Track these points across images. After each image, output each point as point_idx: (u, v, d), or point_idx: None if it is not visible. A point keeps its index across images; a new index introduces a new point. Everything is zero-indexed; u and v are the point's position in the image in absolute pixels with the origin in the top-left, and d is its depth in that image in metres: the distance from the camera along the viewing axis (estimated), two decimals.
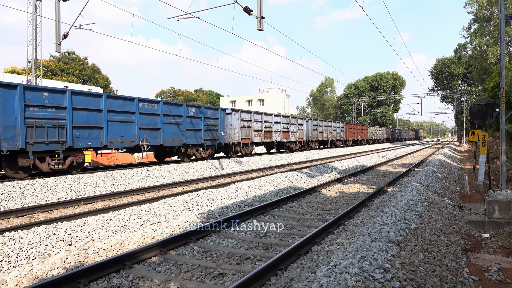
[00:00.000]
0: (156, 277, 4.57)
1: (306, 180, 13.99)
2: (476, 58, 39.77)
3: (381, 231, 5.61)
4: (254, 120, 24.76)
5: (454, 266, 5.03)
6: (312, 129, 34.29)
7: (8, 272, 4.85)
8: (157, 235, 6.41)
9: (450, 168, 18.45)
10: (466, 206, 8.94)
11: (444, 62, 66.43)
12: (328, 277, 3.84)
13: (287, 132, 29.41)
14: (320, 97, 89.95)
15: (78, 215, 7.97)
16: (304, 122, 33.00)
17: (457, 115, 67.65)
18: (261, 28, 12.30)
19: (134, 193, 11.19)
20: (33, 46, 20.19)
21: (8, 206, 9.32)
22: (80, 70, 58.39)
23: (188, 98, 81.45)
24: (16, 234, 5.79)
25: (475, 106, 10.98)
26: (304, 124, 32.96)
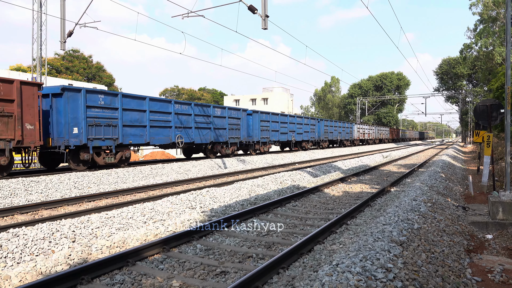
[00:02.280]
0: (159, 274, 4.59)
1: (309, 179, 13.99)
2: (482, 58, 39.57)
3: (383, 231, 5.60)
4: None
5: (457, 266, 5.01)
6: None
7: (12, 268, 4.89)
8: (160, 232, 6.43)
9: (454, 169, 18.38)
10: (469, 207, 8.91)
11: (450, 62, 66.10)
12: (330, 276, 3.84)
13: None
14: (324, 97, 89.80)
15: (81, 212, 8.01)
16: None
17: (461, 116, 67.33)
18: (265, 27, 12.29)
19: (138, 191, 11.23)
20: (38, 44, 20.30)
21: (12, 203, 9.38)
22: (84, 68, 58.61)
23: (192, 96, 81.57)
24: (20, 231, 5.83)
25: (480, 107, 10.93)
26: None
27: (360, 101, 70.59)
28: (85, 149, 14.25)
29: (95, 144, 14.44)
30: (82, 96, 13.89)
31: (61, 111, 13.49)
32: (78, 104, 13.86)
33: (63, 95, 13.51)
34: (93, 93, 14.52)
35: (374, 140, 56.25)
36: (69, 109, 13.60)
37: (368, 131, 52.68)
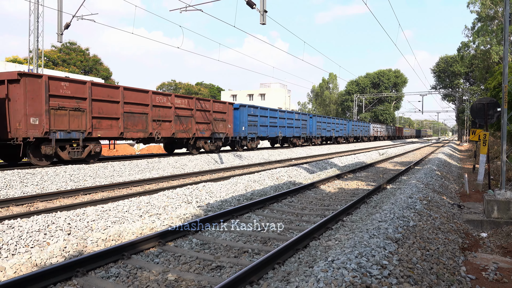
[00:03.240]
0: (154, 268, 4.59)
1: (306, 175, 14.01)
2: (479, 57, 39.65)
3: (379, 228, 5.62)
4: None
5: (452, 264, 5.04)
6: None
7: (7, 260, 4.87)
8: (156, 226, 6.42)
9: (450, 167, 18.46)
10: (465, 205, 8.96)
11: (447, 60, 66.23)
12: (325, 272, 3.85)
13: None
14: (321, 93, 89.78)
15: (77, 205, 7.98)
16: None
17: (458, 114, 67.58)
18: (263, 22, 12.25)
19: (134, 184, 11.21)
20: (35, 36, 20.13)
21: (8, 195, 9.34)
22: (81, 61, 58.27)
23: (189, 91, 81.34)
24: (16, 222, 5.80)
25: (477, 105, 10.96)
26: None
27: (357, 98, 70.66)
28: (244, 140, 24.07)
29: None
30: (246, 109, 23.73)
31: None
32: (244, 114, 24.40)
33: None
34: (253, 108, 24.94)
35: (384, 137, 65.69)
36: (238, 117, 23.80)
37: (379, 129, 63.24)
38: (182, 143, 20.00)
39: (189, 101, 19.22)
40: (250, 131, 24.28)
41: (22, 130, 12.14)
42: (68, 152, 13.65)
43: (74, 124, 13.60)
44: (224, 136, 21.96)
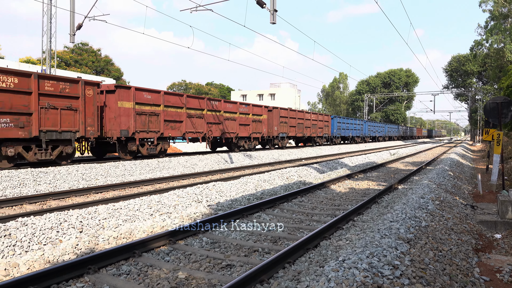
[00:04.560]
0: (165, 266, 4.61)
1: (316, 175, 13.95)
2: (492, 56, 39.08)
3: (391, 228, 5.57)
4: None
5: (465, 265, 4.97)
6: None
7: (20, 256, 4.94)
8: (166, 225, 6.45)
9: (462, 167, 18.21)
10: (478, 206, 8.82)
11: (459, 59, 65.39)
12: (336, 272, 3.82)
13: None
14: (332, 93, 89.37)
15: (89, 203, 8.06)
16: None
17: (471, 114, 66.68)
18: (273, 22, 12.22)
19: (144, 183, 11.29)
20: (48, 37, 20.40)
21: (21, 193, 9.48)
22: (93, 61, 58.89)
23: (200, 91, 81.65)
24: (29, 220, 5.88)
25: (490, 104, 10.79)
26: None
27: (367, 97, 70.19)
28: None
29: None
30: (337, 118, 24.03)
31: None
32: (336, 122, 28.14)
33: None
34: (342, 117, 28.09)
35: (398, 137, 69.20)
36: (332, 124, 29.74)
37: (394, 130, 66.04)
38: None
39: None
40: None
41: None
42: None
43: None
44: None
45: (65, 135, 13.20)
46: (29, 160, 12.34)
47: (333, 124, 36.79)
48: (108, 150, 17.03)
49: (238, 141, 22.43)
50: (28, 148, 12.37)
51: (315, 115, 32.80)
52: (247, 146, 23.24)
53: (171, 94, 17.57)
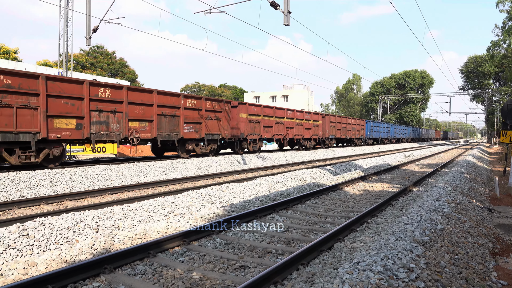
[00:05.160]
0: (179, 266, 4.65)
1: (329, 177, 13.88)
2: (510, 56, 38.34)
3: (405, 231, 5.51)
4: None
5: (482, 269, 4.88)
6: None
7: (38, 256, 5.04)
8: (181, 226, 6.51)
9: (479, 170, 17.90)
10: (495, 209, 8.66)
11: (476, 60, 64.35)
12: (350, 274, 3.80)
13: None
14: (346, 95, 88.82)
15: (104, 204, 8.18)
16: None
17: (487, 115, 65.48)
18: (287, 23, 12.23)
19: (159, 184, 11.39)
20: (65, 40, 20.79)
21: (38, 193, 9.67)
22: (108, 64, 59.75)
23: (213, 93, 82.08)
24: (46, 220, 5.99)
25: (508, 106, 10.61)
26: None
27: (382, 99, 69.54)
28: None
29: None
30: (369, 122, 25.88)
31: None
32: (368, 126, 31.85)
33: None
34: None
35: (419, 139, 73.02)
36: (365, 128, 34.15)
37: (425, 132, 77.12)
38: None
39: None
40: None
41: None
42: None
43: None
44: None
45: (215, 136, 19.40)
46: (197, 152, 18.69)
47: (367, 128, 41.89)
48: (224, 147, 22.32)
49: (303, 141, 28.34)
50: (197, 145, 18.67)
51: (354, 120, 38.75)
52: (308, 145, 28.97)
53: (266, 107, 23.56)
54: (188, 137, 17.80)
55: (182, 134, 17.32)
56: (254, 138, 22.36)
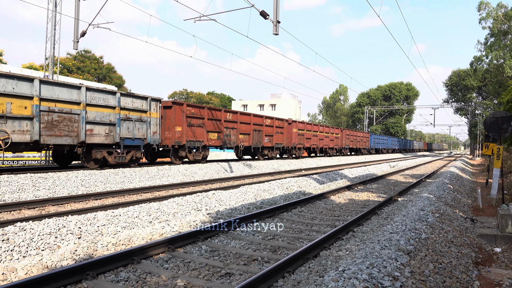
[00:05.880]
0: (164, 273, 4.58)
1: (316, 186, 13.93)
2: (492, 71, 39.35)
3: (391, 239, 5.55)
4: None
5: (465, 278, 4.94)
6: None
7: (18, 261, 4.91)
8: (166, 232, 6.43)
9: (462, 181, 18.19)
10: (478, 219, 8.80)
11: (459, 74, 65.80)
12: (336, 282, 3.80)
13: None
14: (333, 105, 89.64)
15: (88, 210, 8.04)
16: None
17: (470, 128, 66.84)
18: (276, 33, 12.33)
19: (144, 191, 11.26)
20: (52, 43, 20.55)
21: (20, 198, 9.45)
22: (95, 68, 59.17)
23: (201, 100, 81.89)
24: (27, 225, 5.86)
25: (491, 119, 10.84)
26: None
27: (368, 110, 70.40)
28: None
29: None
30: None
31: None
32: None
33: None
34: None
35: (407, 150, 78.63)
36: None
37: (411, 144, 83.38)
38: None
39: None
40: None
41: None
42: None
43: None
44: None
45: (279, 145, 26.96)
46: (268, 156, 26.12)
47: (371, 140, 49.71)
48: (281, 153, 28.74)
49: (329, 150, 35.84)
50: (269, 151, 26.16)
51: (362, 133, 46.68)
52: (331, 152, 36.59)
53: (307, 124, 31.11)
54: (266, 145, 25.13)
55: (263, 143, 24.64)
56: (299, 147, 29.64)
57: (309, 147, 31.52)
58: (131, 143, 15.33)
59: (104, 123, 14.40)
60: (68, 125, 13.17)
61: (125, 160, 15.39)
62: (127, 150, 15.51)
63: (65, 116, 13.08)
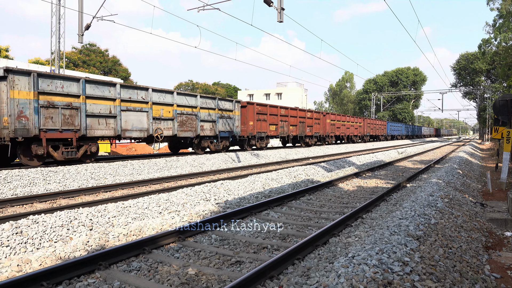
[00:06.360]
0: (175, 262, 4.64)
1: (323, 174, 13.92)
2: (501, 53, 38.66)
3: (400, 225, 5.55)
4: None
5: (475, 262, 4.93)
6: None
7: (32, 253, 5.00)
8: (175, 222, 6.49)
9: (471, 166, 18.06)
10: (488, 204, 8.75)
11: (468, 57, 64.77)
12: (346, 268, 3.82)
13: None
14: (339, 92, 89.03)
15: (98, 202, 8.14)
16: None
17: (479, 112, 66.07)
18: (281, 20, 12.23)
19: (153, 182, 11.35)
20: (57, 37, 20.59)
21: (32, 192, 9.59)
22: (101, 62, 59.28)
23: (207, 91, 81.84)
24: (40, 218, 5.95)
25: (500, 102, 10.70)
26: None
27: (375, 96, 69.83)
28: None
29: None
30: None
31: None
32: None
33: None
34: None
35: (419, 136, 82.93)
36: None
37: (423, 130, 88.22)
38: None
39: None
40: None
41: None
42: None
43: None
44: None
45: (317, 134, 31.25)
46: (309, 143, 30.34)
47: (388, 127, 54.45)
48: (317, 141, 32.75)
49: (354, 137, 40.69)
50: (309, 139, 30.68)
51: (380, 121, 51.26)
52: (356, 139, 41.44)
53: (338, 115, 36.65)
54: (308, 134, 29.54)
55: (306, 133, 29.24)
56: (332, 135, 34.38)
57: (338, 135, 36.25)
58: (224, 135, 20.50)
59: (209, 120, 19.46)
60: (190, 123, 18.28)
61: (220, 148, 20.47)
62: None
63: (189, 117, 18.20)
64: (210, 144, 19.58)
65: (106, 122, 14.20)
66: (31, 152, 12.29)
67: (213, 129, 19.69)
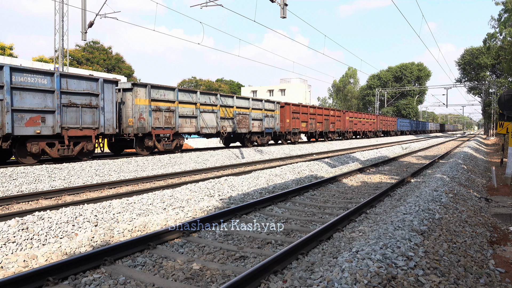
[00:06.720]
0: (179, 257, 4.66)
1: (327, 169, 13.91)
2: (506, 48, 38.32)
3: (404, 220, 5.54)
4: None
5: (480, 257, 4.92)
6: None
7: (38, 249, 5.04)
8: (180, 218, 6.52)
9: (476, 161, 17.98)
10: (492, 199, 8.72)
11: (472, 52, 64.24)
12: (350, 263, 3.83)
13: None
14: (343, 88, 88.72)
15: (103, 198, 8.18)
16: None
17: (484, 107, 65.62)
18: (284, 16, 12.19)
19: (157, 179, 11.39)
20: (60, 35, 20.64)
21: (37, 188, 9.65)
22: (104, 59, 59.36)
23: (210, 87, 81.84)
24: (45, 214, 5.99)
25: (505, 96, 10.63)
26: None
27: (379, 92, 69.53)
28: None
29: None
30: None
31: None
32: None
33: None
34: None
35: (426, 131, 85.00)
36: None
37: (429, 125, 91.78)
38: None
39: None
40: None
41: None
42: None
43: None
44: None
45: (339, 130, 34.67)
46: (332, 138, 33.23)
47: (398, 123, 57.35)
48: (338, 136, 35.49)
49: (368, 133, 43.73)
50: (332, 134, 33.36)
51: (391, 118, 55.16)
52: (370, 135, 44.19)
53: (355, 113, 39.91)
54: (330, 130, 32.54)
55: (330, 129, 32.29)
56: (350, 131, 37.49)
57: (356, 130, 39.74)
58: (268, 131, 23.89)
59: (257, 119, 22.86)
60: (244, 122, 21.59)
61: (265, 142, 23.91)
62: (265, 135, 24.11)
63: (244, 116, 21.53)
64: (257, 139, 23.07)
65: (190, 121, 17.70)
66: (143, 144, 15.82)
67: (261, 126, 23.17)
